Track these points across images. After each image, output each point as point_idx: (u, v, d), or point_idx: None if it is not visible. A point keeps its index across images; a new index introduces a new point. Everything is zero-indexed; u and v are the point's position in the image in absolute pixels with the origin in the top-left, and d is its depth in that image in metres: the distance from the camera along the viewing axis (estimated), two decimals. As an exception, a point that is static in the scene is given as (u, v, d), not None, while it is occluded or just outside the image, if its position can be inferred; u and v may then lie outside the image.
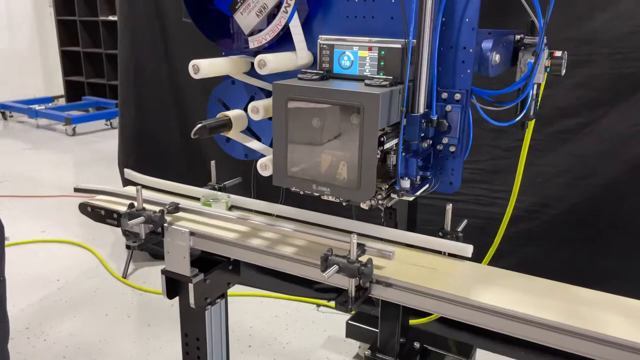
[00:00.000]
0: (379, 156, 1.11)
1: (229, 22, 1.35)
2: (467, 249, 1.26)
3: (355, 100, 1.08)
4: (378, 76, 1.17)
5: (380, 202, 1.17)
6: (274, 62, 1.21)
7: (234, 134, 1.41)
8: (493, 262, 2.28)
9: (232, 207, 1.58)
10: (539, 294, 1.16)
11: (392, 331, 1.91)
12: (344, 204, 1.21)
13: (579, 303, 1.13)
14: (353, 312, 2.26)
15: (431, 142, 1.21)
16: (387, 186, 1.17)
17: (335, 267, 1.15)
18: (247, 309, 2.73)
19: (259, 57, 1.20)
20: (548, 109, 2.14)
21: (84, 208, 1.62)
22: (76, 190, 1.67)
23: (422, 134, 1.18)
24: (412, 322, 2.22)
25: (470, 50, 1.17)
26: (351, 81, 1.19)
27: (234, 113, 1.39)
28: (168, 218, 1.48)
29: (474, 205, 2.37)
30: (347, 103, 1.09)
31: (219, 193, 1.61)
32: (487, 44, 1.19)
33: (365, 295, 1.20)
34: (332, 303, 2.76)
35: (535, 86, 1.40)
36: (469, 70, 1.18)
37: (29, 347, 2.42)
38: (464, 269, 1.27)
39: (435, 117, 1.17)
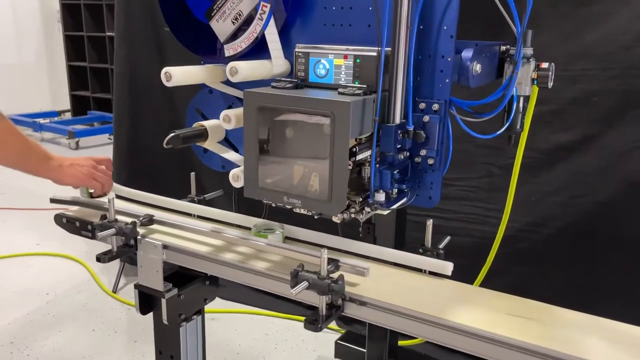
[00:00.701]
0: (351, 167, 1.07)
1: (207, 30, 1.32)
2: (447, 267, 1.21)
3: (325, 108, 1.04)
4: (352, 85, 1.13)
5: (353, 215, 1.12)
6: (246, 69, 1.17)
7: (211, 144, 1.37)
8: (486, 282, 2.22)
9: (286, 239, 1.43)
10: (521, 315, 1.10)
11: (380, 352, 1.85)
12: (316, 217, 1.16)
13: (562, 326, 1.07)
14: (342, 330, 2.19)
15: (408, 154, 1.17)
16: (361, 199, 1.12)
17: (304, 284, 1.09)
18: (237, 326, 2.67)
19: (231, 64, 1.16)
20: (542, 125, 2.09)
21: (59, 219, 1.58)
22: (52, 201, 1.63)
23: (399, 146, 1.13)
24: (401, 342, 2.15)
25: (449, 59, 1.12)
26: (325, 90, 1.15)
27: (210, 123, 1.35)
28: (141, 230, 1.43)
29: (467, 223, 2.31)
30: (318, 112, 1.05)
31: (274, 223, 1.43)
32: (467, 53, 1.15)
33: (338, 314, 1.15)
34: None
35: (522, 99, 1.35)
36: (447, 80, 1.13)
37: (11, 362, 2.37)
38: (444, 287, 1.21)
39: (411, 128, 1.12)
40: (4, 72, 7.36)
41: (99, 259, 1.38)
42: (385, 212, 1.16)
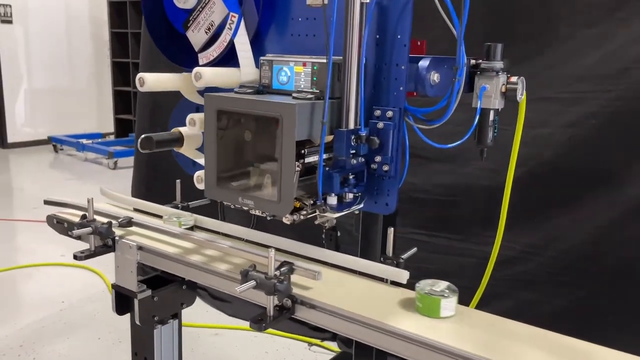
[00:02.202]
0: (299, 169, 1.09)
1: (187, 41, 1.38)
2: (402, 275, 1.20)
3: (274, 111, 1.08)
4: (308, 90, 1.16)
5: (302, 217, 1.14)
6: (210, 75, 1.22)
7: (187, 150, 1.43)
8: (484, 306, 2.17)
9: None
10: (469, 325, 1.08)
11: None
12: (269, 218, 1.18)
13: (508, 337, 1.04)
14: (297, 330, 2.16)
15: (363, 160, 1.18)
16: (312, 202, 1.14)
17: (252, 283, 1.11)
18: (238, 343, 2.69)
19: (195, 69, 1.22)
20: (541, 147, 2.06)
21: (51, 220, 1.65)
22: (46, 202, 1.71)
23: (353, 151, 1.14)
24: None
25: (402, 67, 1.14)
26: (282, 95, 1.18)
27: (187, 129, 1.40)
28: (120, 232, 1.49)
29: (469, 244, 2.27)
30: (267, 114, 1.09)
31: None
32: (423, 63, 1.16)
33: (287, 316, 1.16)
34: (325, 343, 2.67)
35: (492, 112, 1.35)
36: (401, 88, 1.15)
37: (17, 364, 2.46)
38: (398, 295, 1.20)
39: (364, 134, 1.14)
40: (58, 95, 7.79)
41: (76, 256, 1.43)
42: (335, 216, 1.17)
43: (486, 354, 0.96)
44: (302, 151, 1.10)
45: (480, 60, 1.34)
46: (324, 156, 1.16)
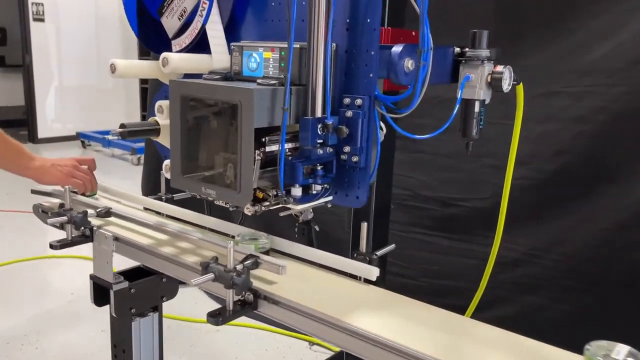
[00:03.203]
0: (259, 158, 1.05)
1: (163, 27, 1.36)
2: (372, 272, 1.14)
3: (233, 96, 1.03)
4: (273, 76, 1.12)
5: (264, 208, 1.09)
6: (178, 61, 1.19)
7: (164, 139, 1.40)
8: (487, 310, 2.08)
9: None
10: (434, 327, 1.01)
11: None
12: (231, 209, 1.14)
13: (474, 340, 0.97)
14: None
15: (332, 150, 1.12)
16: (276, 193, 1.09)
17: (210, 275, 1.07)
18: (239, 339, 2.66)
19: (163, 54, 1.19)
20: (547, 145, 1.96)
21: (36, 209, 1.65)
22: (33, 192, 1.71)
23: (320, 140, 1.09)
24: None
25: (372, 53, 1.08)
26: (248, 81, 1.14)
27: (164, 119, 1.38)
28: (99, 222, 1.47)
29: (472, 244, 2.19)
30: (226, 100, 1.05)
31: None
32: (396, 49, 1.10)
33: (248, 311, 1.11)
34: (326, 342, 2.62)
35: (478, 103, 1.28)
36: (371, 75, 1.09)
37: (19, 354, 2.48)
38: (367, 293, 1.15)
39: (330, 122, 1.08)
40: (86, 93, 7.95)
41: (52, 245, 1.42)
42: (298, 208, 1.12)
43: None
44: (263, 139, 1.05)
45: (466, 49, 1.28)
46: (292, 146, 1.12)
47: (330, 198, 1.16)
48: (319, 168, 1.11)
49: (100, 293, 1.49)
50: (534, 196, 1.98)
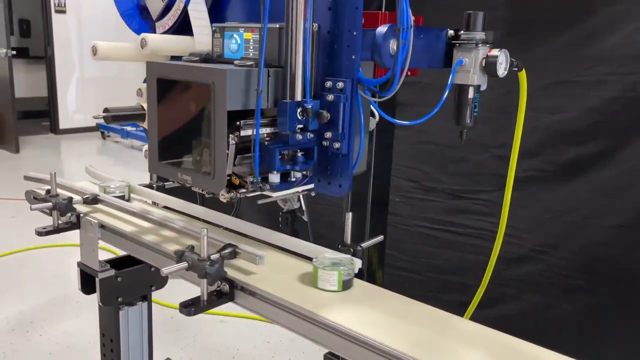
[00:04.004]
0: (234, 142, 1.00)
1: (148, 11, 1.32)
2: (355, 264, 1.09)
3: (205, 77, 0.99)
4: (250, 57, 1.07)
5: (240, 195, 1.05)
6: (157, 42, 1.15)
7: (150, 125, 1.36)
8: (491, 307, 2.01)
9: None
10: (412, 321, 0.96)
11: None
12: (207, 195, 1.10)
13: (451, 335, 0.92)
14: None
15: (312, 135, 1.07)
16: (253, 180, 1.05)
17: (183, 264, 1.03)
18: (242, 331, 2.63)
19: (142, 35, 1.15)
20: (558, 136, 1.88)
21: (28, 196, 1.63)
22: (25, 178, 1.70)
23: (301, 125, 1.04)
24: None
25: (355, 34, 1.03)
26: (225, 63, 1.09)
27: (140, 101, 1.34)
28: (85, 209, 1.45)
29: (477, 239, 2.12)
30: (200, 80, 1.00)
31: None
32: (381, 29, 1.04)
33: (224, 302, 1.07)
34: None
35: (472, 89, 1.21)
36: (353, 57, 1.03)
37: (23, 340, 2.50)
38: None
39: (310, 106, 1.03)
40: (107, 84, 8.01)
41: (38, 232, 1.40)
42: (275, 195, 1.07)
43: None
44: (238, 123, 1.00)
45: (461, 31, 1.21)
46: (271, 131, 1.07)
47: (312, 186, 1.11)
48: (299, 154, 1.07)
49: (87, 281, 1.47)
50: (543, 189, 1.90)
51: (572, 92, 1.86)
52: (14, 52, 6.40)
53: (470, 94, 1.21)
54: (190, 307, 1.03)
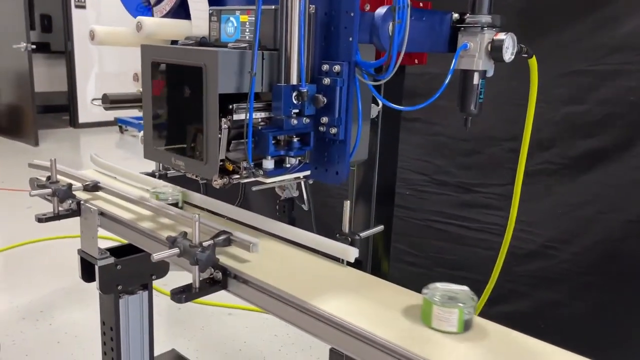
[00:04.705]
0: (227, 126, 0.98)
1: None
2: (350, 252, 1.06)
3: (197, 59, 0.97)
4: (246, 40, 1.05)
5: (234, 181, 1.02)
6: (152, 26, 1.13)
7: (150, 112, 1.34)
8: (501, 304, 1.96)
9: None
10: (403, 311, 0.93)
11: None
12: (201, 181, 1.08)
13: (449, 329, 0.88)
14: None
15: (308, 120, 1.04)
16: (247, 165, 1.02)
17: (174, 251, 1.02)
18: (249, 324, 2.62)
19: (137, 18, 1.13)
20: (571, 128, 1.82)
21: (32, 183, 1.63)
22: (30, 165, 1.70)
23: (296, 110, 1.02)
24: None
25: (352, 15, 0.99)
26: (219, 47, 1.07)
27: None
28: (86, 196, 1.44)
29: (489, 234, 2.07)
30: (192, 63, 0.98)
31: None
32: (380, 10, 1.01)
33: (216, 289, 1.05)
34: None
35: (477, 75, 1.17)
36: (350, 39, 1.00)
37: (32, 329, 2.52)
38: (344, 275, 1.07)
39: (305, 90, 1.00)
40: (125, 78, 8.05)
41: (39, 219, 1.40)
42: (268, 181, 1.05)
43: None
44: (230, 106, 0.98)
45: (467, 15, 1.17)
46: (267, 115, 1.04)
47: (307, 172, 1.08)
48: (294, 140, 1.04)
49: (87, 268, 1.46)
50: (556, 183, 1.85)
51: (586, 82, 1.81)
52: (34, 47, 6.46)
53: (475, 79, 1.17)
54: (181, 294, 1.01)
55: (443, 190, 2.20)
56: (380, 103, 1.32)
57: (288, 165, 1.04)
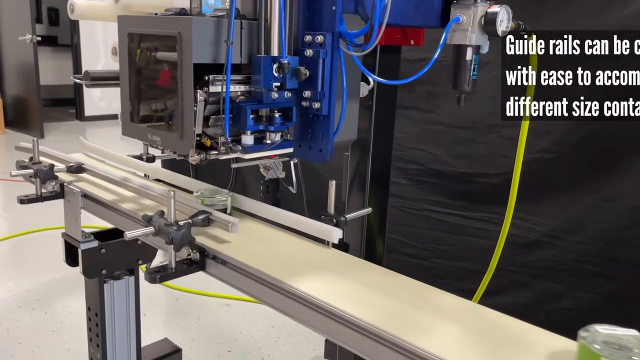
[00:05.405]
0: (203, 98, 0.93)
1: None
2: (333, 233, 1.01)
3: (172, 28, 0.92)
4: (222, 8, 1.00)
5: (211, 157, 0.98)
6: (132, -3, 1.09)
7: (134, 91, 1.30)
8: (501, 294, 1.91)
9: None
10: (385, 292, 0.88)
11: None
12: (178, 157, 1.04)
13: (425, 308, 0.84)
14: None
15: (290, 95, 1.00)
16: (224, 140, 0.98)
17: (149, 229, 0.97)
18: (247, 314, 2.58)
19: (114, -11, 1.09)
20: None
21: (18, 166, 1.60)
22: (17, 148, 1.66)
23: (277, 83, 0.97)
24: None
25: (335, -18, 0.95)
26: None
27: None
28: (69, 178, 1.40)
29: (487, 224, 2.02)
30: (166, 32, 0.94)
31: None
32: (365, -22, 0.96)
33: (194, 270, 1.01)
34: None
35: (470, 50, 1.12)
36: (334, 8, 0.95)
37: (29, 318, 2.49)
38: (326, 257, 1.02)
39: (286, 61, 0.96)
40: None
41: (21, 200, 1.37)
42: (247, 157, 1.00)
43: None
44: (207, 77, 0.94)
45: (460, -14, 1.12)
46: (247, 88, 1.00)
47: (290, 150, 1.04)
48: (276, 115, 0.99)
49: (71, 252, 1.42)
50: (556, 171, 1.79)
51: (588, 67, 1.74)
52: (39, 39, 6.46)
53: (469, 55, 1.12)
54: (156, 273, 0.97)
55: (440, 179, 2.15)
56: (372, 81, 1.27)
57: (268, 141, 1.00)
